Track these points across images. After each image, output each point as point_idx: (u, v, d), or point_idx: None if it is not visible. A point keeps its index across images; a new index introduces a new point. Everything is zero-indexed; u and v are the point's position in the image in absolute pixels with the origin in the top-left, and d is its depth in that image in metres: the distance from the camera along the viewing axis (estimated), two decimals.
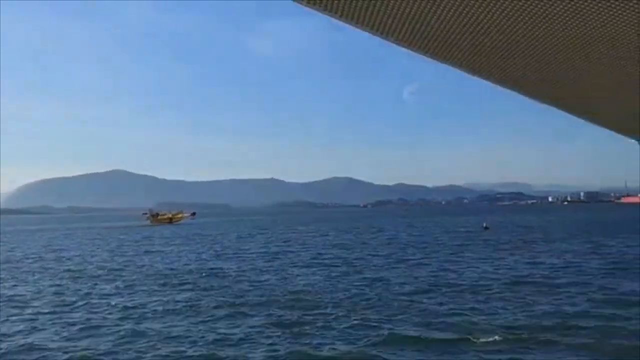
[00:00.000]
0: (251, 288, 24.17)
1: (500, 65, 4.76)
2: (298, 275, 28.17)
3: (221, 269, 31.99)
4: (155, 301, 21.51)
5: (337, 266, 32.04)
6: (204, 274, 29.32)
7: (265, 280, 26.46)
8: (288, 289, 23.74)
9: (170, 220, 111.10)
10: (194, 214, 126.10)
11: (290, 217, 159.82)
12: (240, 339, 15.33)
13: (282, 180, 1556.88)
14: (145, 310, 19.82)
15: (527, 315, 17.26)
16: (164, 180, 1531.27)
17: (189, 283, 26.22)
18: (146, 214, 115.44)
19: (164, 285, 25.96)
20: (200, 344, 15.00)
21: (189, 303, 20.82)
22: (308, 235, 66.71)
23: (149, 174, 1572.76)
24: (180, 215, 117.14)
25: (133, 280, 27.97)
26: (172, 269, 32.43)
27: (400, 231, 73.03)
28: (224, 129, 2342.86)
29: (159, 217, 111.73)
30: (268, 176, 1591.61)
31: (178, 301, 21.30)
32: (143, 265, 34.86)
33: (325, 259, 36.83)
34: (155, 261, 37.64)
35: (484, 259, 34.24)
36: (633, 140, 12.15)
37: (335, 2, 3.32)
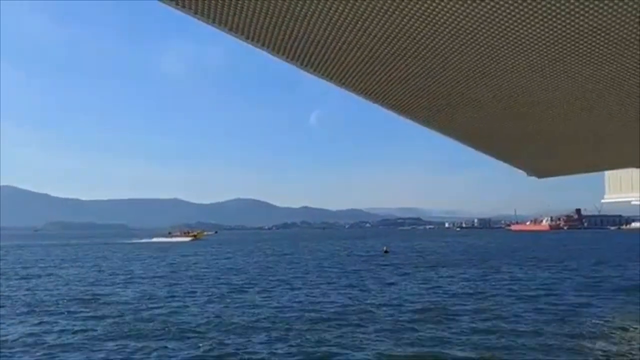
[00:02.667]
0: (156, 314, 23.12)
1: (396, 92, 4.86)
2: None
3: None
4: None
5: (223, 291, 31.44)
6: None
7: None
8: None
9: (195, 237, 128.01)
10: (216, 232, 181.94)
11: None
12: None
13: (186, 201, 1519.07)
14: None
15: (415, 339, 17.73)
16: (57, 198, 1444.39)
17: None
18: (171, 233, 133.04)
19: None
20: None
21: None
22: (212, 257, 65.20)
23: (43, 191, 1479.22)
24: (206, 233, 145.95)
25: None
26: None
27: (303, 254, 73.26)
28: (127, 148, 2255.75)
29: (194, 234, 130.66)
30: (171, 196, 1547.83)
31: None
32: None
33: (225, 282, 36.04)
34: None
35: (383, 283, 35.02)
36: (521, 172, 12.95)
37: (240, 23, 3.23)
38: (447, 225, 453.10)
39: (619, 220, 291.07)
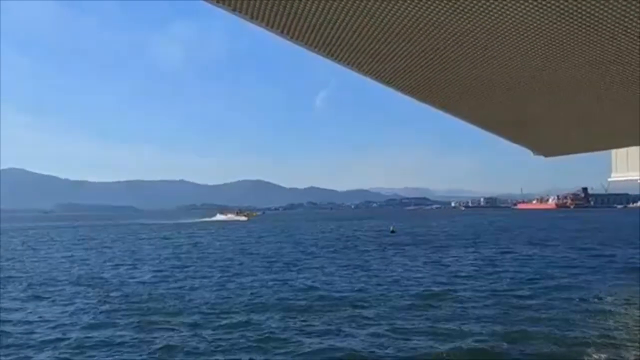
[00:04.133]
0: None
1: (405, 72, 4.87)
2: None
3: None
4: None
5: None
6: None
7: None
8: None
9: (248, 217, 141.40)
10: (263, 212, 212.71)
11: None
12: None
13: (192, 182, 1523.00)
14: None
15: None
16: (66, 180, 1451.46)
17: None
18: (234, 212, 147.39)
19: None
20: None
21: None
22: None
23: (50, 173, 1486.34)
24: (255, 214, 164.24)
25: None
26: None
27: (310, 235, 73.72)
28: (132, 132, 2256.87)
29: (245, 214, 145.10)
30: (178, 178, 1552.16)
31: None
32: None
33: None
34: None
35: (390, 264, 35.29)
36: (528, 150, 12.94)
37: (244, 2, 3.24)
38: (453, 204, 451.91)
39: (626, 199, 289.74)
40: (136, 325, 17.25)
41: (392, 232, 73.60)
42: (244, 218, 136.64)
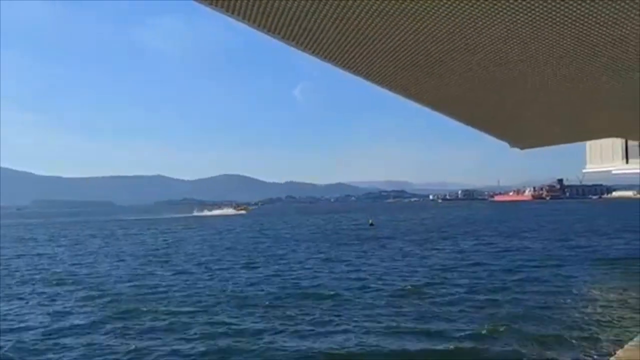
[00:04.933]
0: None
1: (379, 65, 4.89)
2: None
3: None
4: None
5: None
6: None
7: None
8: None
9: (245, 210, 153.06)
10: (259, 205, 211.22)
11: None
12: None
13: (170, 178, 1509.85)
14: None
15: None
16: (41, 176, 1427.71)
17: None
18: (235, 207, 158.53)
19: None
20: None
21: None
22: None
23: (26, 169, 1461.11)
24: (251, 208, 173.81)
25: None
26: None
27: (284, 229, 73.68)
28: (109, 127, 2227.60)
29: (242, 208, 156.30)
30: (155, 173, 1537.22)
31: None
32: None
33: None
34: None
35: (367, 257, 35.47)
36: (505, 142, 13.09)
37: (232, 2, 3.22)
38: (431, 197, 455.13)
39: (600, 189, 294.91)
40: (115, 323, 17.11)
41: (371, 225, 74.04)
42: (243, 212, 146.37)
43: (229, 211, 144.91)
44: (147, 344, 14.71)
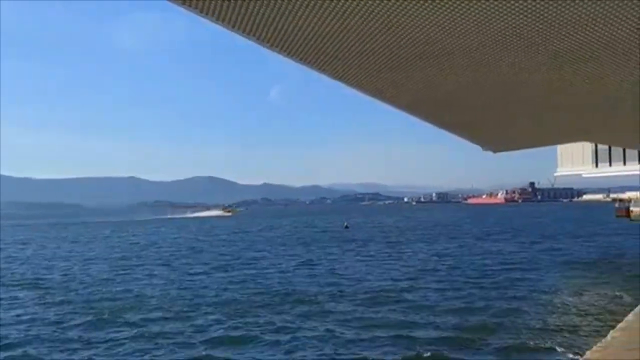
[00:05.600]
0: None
1: (360, 71, 4.85)
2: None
3: None
4: None
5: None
6: None
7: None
8: None
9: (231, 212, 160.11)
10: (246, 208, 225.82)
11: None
12: None
13: (143, 179, 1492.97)
14: None
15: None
16: (10, 177, 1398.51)
17: None
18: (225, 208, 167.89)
19: None
20: None
21: None
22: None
23: None
24: (238, 210, 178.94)
25: None
26: None
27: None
28: (75, 126, 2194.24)
29: (230, 210, 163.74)
30: (127, 174, 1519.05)
31: None
32: None
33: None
34: None
35: (341, 260, 35.47)
36: (477, 146, 13.19)
37: (207, 2, 3.16)
38: (405, 199, 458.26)
39: (571, 192, 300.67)
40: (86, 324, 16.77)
41: (346, 227, 74.22)
42: (228, 214, 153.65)
43: (216, 212, 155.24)
44: (114, 352, 14.44)
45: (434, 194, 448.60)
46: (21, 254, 44.84)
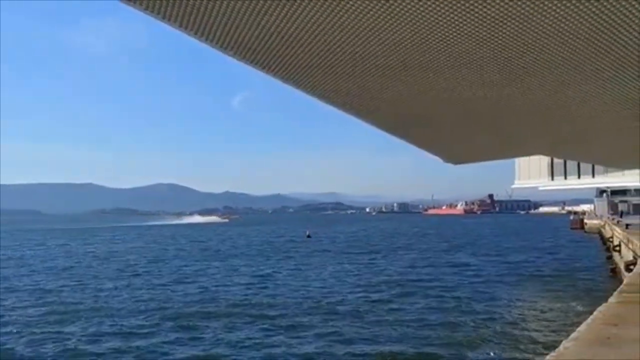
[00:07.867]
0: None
1: (316, 78, 4.85)
2: None
3: None
4: None
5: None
6: None
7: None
8: None
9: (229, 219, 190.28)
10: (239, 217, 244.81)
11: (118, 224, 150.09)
12: None
13: (102, 186, 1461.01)
14: None
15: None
16: None
17: None
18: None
19: None
20: None
21: None
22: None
23: None
24: (234, 216, 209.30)
25: None
26: None
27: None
28: (36, 131, 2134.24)
29: (226, 217, 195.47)
30: (85, 181, 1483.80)
31: None
32: None
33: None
34: None
35: (302, 271, 35.35)
36: (438, 158, 13.36)
37: (158, 3, 3.09)
38: (367, 209, 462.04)
39: (528, 205, 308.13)
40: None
41: (308, 237, 74.14)
42: (226, 220, 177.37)
43: (213, 219, 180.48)
44: None
45: (395, 205, 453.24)
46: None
